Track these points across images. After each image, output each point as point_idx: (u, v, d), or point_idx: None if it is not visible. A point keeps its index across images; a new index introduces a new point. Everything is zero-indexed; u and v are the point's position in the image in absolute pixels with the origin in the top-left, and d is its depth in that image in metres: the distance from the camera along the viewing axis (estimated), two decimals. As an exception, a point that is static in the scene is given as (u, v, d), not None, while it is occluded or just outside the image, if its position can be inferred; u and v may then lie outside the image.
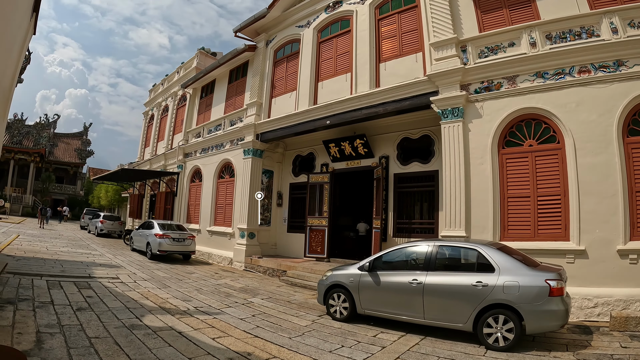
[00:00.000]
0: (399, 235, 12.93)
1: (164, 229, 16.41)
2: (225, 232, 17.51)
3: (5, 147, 47.62)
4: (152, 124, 31.05)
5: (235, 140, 17.90)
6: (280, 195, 17.46)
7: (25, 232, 23.81)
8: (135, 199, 30.80)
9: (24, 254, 13.46)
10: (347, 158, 14.79)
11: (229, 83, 20.47)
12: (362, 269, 7.77)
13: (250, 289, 11.02)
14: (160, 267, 13.99)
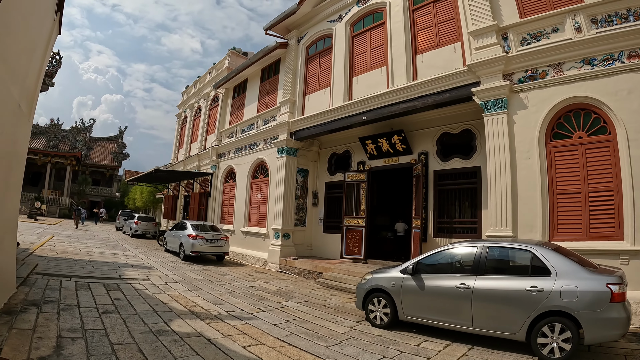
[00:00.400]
0: (439, 236, 12.54)
1: (197, 229, 16.46)
2: (260, 232, 17.47)
3: (42, 151, 49.87)
4: (186, 126, 31.53)
5: (269, 139, 17.84)
6: (315, 194, 17.31)
7: (60, 233, 24.40)
8: (169, 200, 31.22)
9: (56, 255, 13.68)
10: (384, 155, 14.49)
11: (261, 82, 20.46)
12: (405, 272, 7.33)
13: (284, 291, 10.80)
14: (193, 269, 13.98)
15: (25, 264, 10.46)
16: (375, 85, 13.40)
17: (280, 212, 15.88)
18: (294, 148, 16.39)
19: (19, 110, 6.47)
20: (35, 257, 12.50)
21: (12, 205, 7.12)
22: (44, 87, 14.75)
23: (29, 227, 26.20)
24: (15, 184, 7.32)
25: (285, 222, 15.85)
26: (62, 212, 48.35)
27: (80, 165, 56.29)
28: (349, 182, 15.10)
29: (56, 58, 15.59)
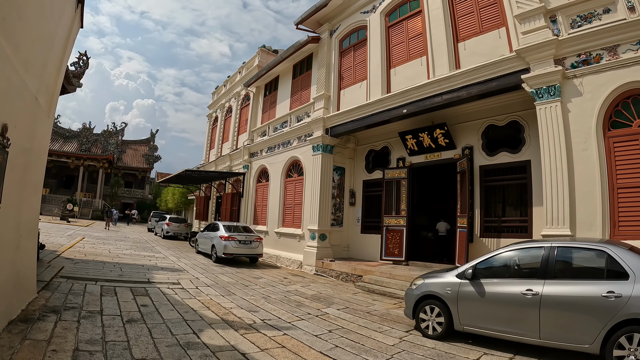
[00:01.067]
0: (487, 236, 12.00)
1: (229, 230, 16.36)
2: (295, 233, 17.26)
3: (74, 154, 52.07)
4: (216, 126, 31.86)
5: (303, 137, 17.62)
6: (352, 193, 16.95)
7: (91, 235, 24.87)
8: (201, 201, 31.43)
9: (84, 257, 13.73)
10: (425, 151, 14.03)
11: (293, 78, 20.30)
12: (462, 277, 6.72)
13: (323, 296, 10.40)
14: (225, 271, 13.80)
15: (50, 267, 10.45)
16: (414, 76, 12.97)
17: (316, 212, 15.60)
18: (329, 145, 16.08)
19: (36, 104, 6.34)
20: (62, 259, 12.56)
21: (30, 206, 7.01)
22: (71, 88, 14.81)
23: (61, 229, 26.94)
24: (34, 184, 7.17)
25: (322, 223, 15.55)
26: (94, 214, 50.04)
27: (113, 167, 57.97)
28: (389, 179, 14.71)
29: (83, 59, 15.55)
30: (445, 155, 13.54)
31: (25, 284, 6.88)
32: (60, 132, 57.47)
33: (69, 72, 14.28)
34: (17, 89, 5.24)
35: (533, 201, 10.77)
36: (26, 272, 6.91)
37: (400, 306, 9.37)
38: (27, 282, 6.98)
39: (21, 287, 6.53)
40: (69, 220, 37.22)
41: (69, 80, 14.38)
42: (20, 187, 6.09)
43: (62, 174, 57.67)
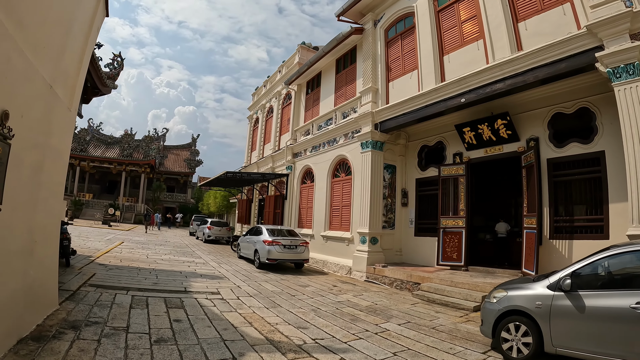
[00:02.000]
0: (557, 237, 10.85)
1: (273, 234, 15.78)
2: (343, 237, 16.51)
3: (116, 160, 53.97)
4: (257, 127, 31.84)
5: (350, 134, 16.90)
6: (405, 193, 16.05)
7: (131, 239, 24.97)
8: (243, 204, 31.30)
9: (119, 263, 13.46)
10: (485, 144, 13.00)
11: (336, 73, 19.65)
12: (555, 288, 5.66)
13: (379, 308, 9.51)
14: (269, 279, 13.19)
15: (79, 275, 10.07)
16: (471, 62, 12.01)
17: (367, 213, 14.80)
18: (379, 141, 15.28)
19: (51, 93, 5.80)
20: (95, 265, 12.27)
21: (47, 209, 6.44)
22: (106, 90, 14.91)
23: (101, 233, 27.35)
24: (53, 185, 6.69)
25: (373, 225, 14.74)
26: (137, 218, 51.29)
27: (155, 172, 59.79)
28: (445, 177, 13.77)
29: (118, 60, 15.64)
30: (507, 149, 12.47)
31: (43, 295, 6.38)
32: (102, 138, 59.69)
33: (102, 73, 14.22)
34: (22, 72, 4.67)
35: (609, 197, 9.68)
36: (44, 282, 6.41)
37: (467, 319, 8.49)
38: (45, 293, 6.49)
39: (37, 299, 6.01)
40: (110, 225, 38.21)
41: (103, 82, 14.32)
42: (32, 188, 5.57)
43: (105, 180, 60.29)
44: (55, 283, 7.06)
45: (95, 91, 14.61)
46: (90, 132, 58.52)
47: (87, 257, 13.68)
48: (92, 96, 14.93)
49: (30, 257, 5.70)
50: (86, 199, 52.36)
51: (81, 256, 13.53)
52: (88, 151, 54.97)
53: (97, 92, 14.75)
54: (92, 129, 59.68)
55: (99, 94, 14.97)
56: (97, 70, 13.53)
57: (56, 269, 7.21)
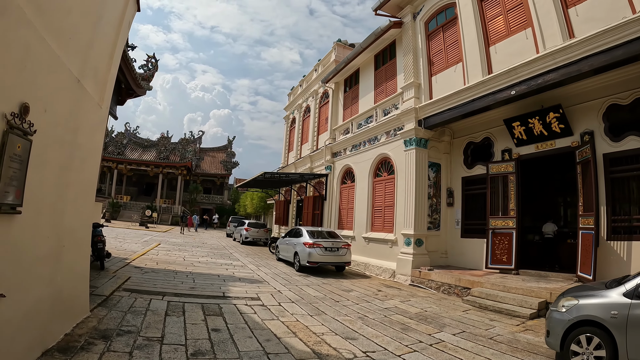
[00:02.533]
0: (615, 238, 10.15)
1: (314, 236, 15.59)
2: (386, 239, 16.15)
3: (153, 162, 55.39)
4: (294, 127, 31.79)
5: (392, 131, 16.55)
6: (450, 192, 15.55)
7: (168, 241, 25.23)
8: (280, 205, 31.26)
9: (155, 266, 13.47)
10: (536, 139, 12.38)
11: (375, 69, 19.35)
12: (633, 296, 5.11)
13: (429, 315, 9.04)
14: (310, 282, 12.95)
15: (114, 278, 10.01)
16: (520, 52, 11.50)
17: (412, 214, 14.42)
18: (423, 138, 14.88)
19: (79, 88, 5.59)
20: (130, 268, 12.28)
21: (77, 211, 6.21)
22: (140, 91, 15.06)
23: (138, 235, 27.77)
24: (83, 185, 6.49)
25: (418, 226, 14.35)
26: (174, 219, 52.43)
27: (191, 174, 60.98)
28: (494, 175, 13.24)
29: (152, 61, 15.77)
30: (560, 144, 11.84)
31: (73, 302, 6.16)
32: (139, 142, 61.34)
33: (137, 75, 14.30)
34: (44, 63, 4.43)
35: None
36: (73, 288, 6.20)
37: (525, 328, 8.03)
38: (75, 301, 6.27)
39: (65, 306, 5.80)
40: (147, 226, 39.06)
41: (138, 83, 14.41)
42: (59, 189, 5.34)
43: (142, 182, 61.93)
44: (86, 289, 6.91)
45: (129, 92, 14.69)
46: (127, 136, 60.31)
47: (122, 259, 13.77)
48: (127, 97, 15.02)
49: (58, 263, 5.49)
50: (124, 201, 54.12)
51: (117, 259, 13.62)
52: (125, 154, 56.52)
53: (132, 94, 14.83)
54: (128, 133, 61.55)
55: (134, 95, 15.05)
56: (131, 71, 13.60)
57: (87, 275, 7.06)
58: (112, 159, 54.25)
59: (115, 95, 14.66)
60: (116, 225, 36.56)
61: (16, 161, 3.90)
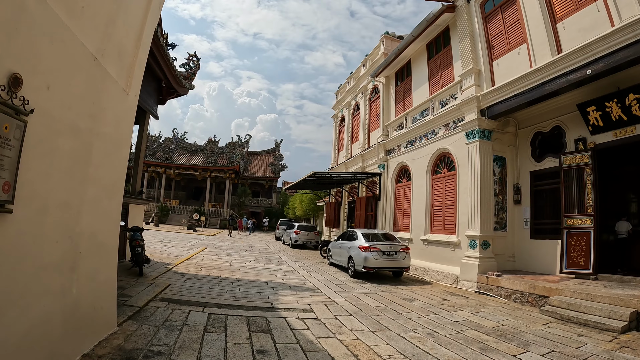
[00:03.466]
0: None
1: (369, 239, 14.82)
2: (447, 241, 15.21)
3: (201, 166, 56.88)
4: (344, 126, 31.42)
5: (451, 124, 15.66)
6: (517, 189, 14.43)
7: (215, 244, 25.18)
8: (331, 207, 30.79)
9: (199, 272, 13.08)
10: (613, 125, 11.14)
11: (428, 59, 18.50)
12: None
13: (508, 330, 7.98)
14: (367, 290, 12.13)
15: (152, 286, 9.53)
16: (592, 26, 10.42)
17: (477, 214, 13.47)
18: (487, 130, 13.91)
19: (97, 67, 5.01)
20: (172, 274, 11.90)
21: (99, 212, 5.58)
22: (182, 90, 15.12)
23: (185, 239, 27.99)
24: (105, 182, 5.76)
25: (484, 227, 13.37)
26: (222, 223, 53.56)
27: (239, 178, 62.14)
28: (567, 167, 12.10)
29: (193, 60, 15.68)
30: (641, 130, 10.69)
31: (94, 317, 5.51)
32: (186, 146, 63.22)
33: (177, 73, 14.11)
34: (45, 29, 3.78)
35: None
36: (95, 301, 5.54)
37: (620, 344, 7.02)
38: (97, 315, 5.63)
39: (84, 322, 5.16)
40: (195, 230, 39.63)
41: (179, 81, 14.27)
42: (72, 185, 4.69)
43: (191, 186, 64.15)
44: (112, 301, 6.22)
45: (170, 91, 14.62)
46: (174, 141, 62.36)
47: (164, 264, 13.53)
48: (168, 97, 14.96)
49: (73, 272, 4.84)
50: (172, 205, 56.01)
51: (158, 264, 13.41)
52: (173, 159, 58.19)
53: (173, 93, 14.77)
54: (176, 138, 63.72)
55: (175, 94, 15.02)
56: (171, 69, 13.52)
57: (113, 284, 6.35)
58: (161, 164, 56.18)
59: (155, 94, 14.58)
60: (164, 229, 37.27)
61: (4, 146, 3.25)
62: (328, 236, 30.95)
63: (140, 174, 14.47)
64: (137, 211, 13.94)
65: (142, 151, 14.49)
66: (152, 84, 14.16)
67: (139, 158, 14.31)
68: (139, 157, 14.32)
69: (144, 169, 55.87)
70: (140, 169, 14.36)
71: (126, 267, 11.71)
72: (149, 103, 13.89)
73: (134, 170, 14.25)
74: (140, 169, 14.36)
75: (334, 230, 30.13)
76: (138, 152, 14.40)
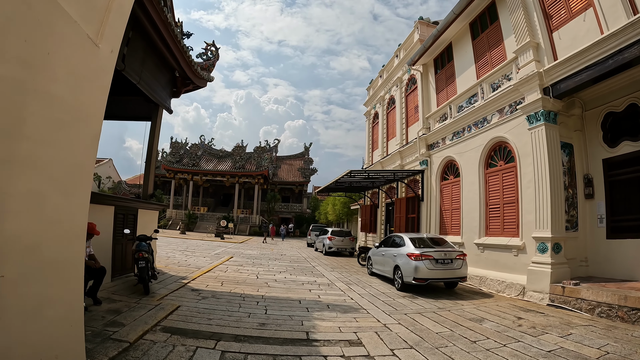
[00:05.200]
0: None
1: (418, 245, 12.98)
2: (508, 245, 13.19)
3: (229, 172, 56.95)
4: (377, 123, 29.98)
5: (507, 108, 13.79)
6: (588, 180, 12.44)
7: (242, 253, 24.02)
8: (366, 210, 29.23)
9: (220, 287, 11.59)
10: None
11: (473, 39, 16.70)
12: None
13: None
14: (422, 308, 10.19)
15: (156, 309, 7.97)
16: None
17: (547, 211, 11.52)
18: (552, 111, 12.01)
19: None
20: (186, 291, 10.49)
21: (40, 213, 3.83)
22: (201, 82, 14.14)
23: (211, 247, 27.18)
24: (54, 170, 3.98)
25: (556, 227, 11.41)
26: (252, 229, 53.79)
27: (268, 183, 61.83)
28: (656, 151, 10.19)
29: (212, 50, 14.67)
30: None
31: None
32: (214, 152, 64.20)
33: (194, 63, 12.96)
34: None
35: None
36: (42, 351, 3.81)
37: None
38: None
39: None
40: (223, 237, 39.20)
41: (195, 71, 13.19)
42: None
43: (219, 193, 64.81)
44: (75, 345, 4.40)
45: (186, 82, 13.41)
46: (201, 147, 62.96)
47: (179, 279, 12.11)
48: (183, 88, 13.80)
49: (22, 304, 3.47)
50: (201, 212, 56.25)
51: (173, 278, 12.01)
52: (200, 165, 58.59)
53: (189, 84, 13.53)
54: (203, 144, 64.44)
55: (192, 86, 13.97)
56: (185, 56, 12.34)
57: (76, 320, 4.43)
58: (187, 171, 56.55)
59: (169, 87, 13.40)
60: (190, 237, 36.76)
61: None
62: (364, 242, 29.51)
63: (152, 175, 13.16)
64: (149, 218, 12.65)
65: (154, 150, 13.13)
66: (165, 75, 12.95)
67: (150, 157, 12.97)
68: (151, 157, 12.99)
69: (170, 176, 56.27)
70: (152, 170, 13.06)
71: (131, 283, 10.34)
72: (161, 96, 12.64)
73: (145, 172, 12.96)
74: (152, 170, 13.06)
75: (370, 235, 28.64)
76: (150, 151, 12.99)
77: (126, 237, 10.78)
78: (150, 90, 11.45)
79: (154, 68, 11.67)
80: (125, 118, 14.52)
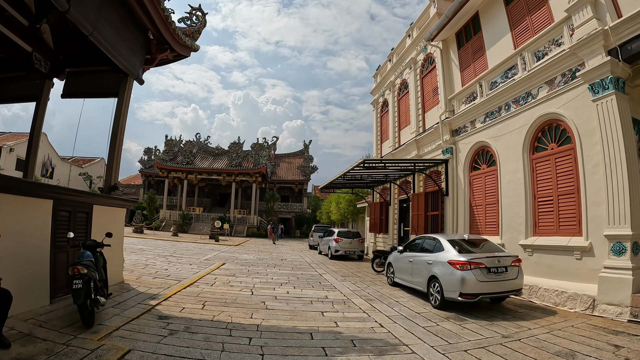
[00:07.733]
0: None
1: (462, 250, 10.56)
2: (568, 245, 10.96)
3: (225, 170, 55.85)
4: (387, 111, 28.07)
5: (560, 78, 11.65)
6: (668, 163, 10.25)
7: (236, 258, 22.18)
8: (376, 208, 27.50)
9: (200, 310, 9.02)
10: None
11: (506, 4, 14.61)
12: None
13: None
14: (482, 338, 7.53)
15: (90, 356, 5.29)
16: None
17: (624, 201, 9.36)
18: (621, 78, 9.93)
19: None
20: (150, 319, 7.81)
21: None
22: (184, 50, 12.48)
23: (202, 251, 25.34)
24: None
25: (636, 222, 9.27)
26: (250, 230, 52.95)
27: (267, 182, 61.36)
28: None
29: (197, 15, 12.81)
30: None
31: None
32: (209, 150, 63.55)
33: (173, 24, 10.88)
34: None
35: None
36: None
37: None
38: None
39: None
40: (217, 239, 37.87)
41: (176, 36, 11.13)
42: None
43: (215, 192, 64.16)
44: None
45: (163, 48, 11.22)
46: (196, 145, 62.50)
47: (148, 297, 9.59)
48: (160, 54, 11.62)
49: None
50: (196, 213, 55.24)
51: (140, 296, 9.60)
52: (195, 164, 57.53)
53: (167, 50, 11.37)
54: (198, 142, 63.84)
55: (170, 52, 11.82)
56: (161, 15, 10.21)
57: None
58: (182, 169, 55.44)
59: (141, 51, 11.31)
60: (182, 240, 35.14)
61: None
62: (372, 244, 27.61)
63: (117, 161, 10.90)
64: (110, 217, 10.48)
65: (120, 129, 10.89)
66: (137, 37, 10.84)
67: (116, 138, 10.75)
68: (117, 137, 10.76)
69: (163, 175, 54.82)
70: (117, 156, 10.85)
71: (72, 310, 7.38)
72: (129, 61, 10.46)
73: (109, 156, 10.77)
74: (117, 156, 10.85)
75: (380, 236, 26.75)
76: (116, 131, 10.74)
77: (70, 242, 8.35)
78: (113, 50, 9.08)
79: (118, 23, 9.35)
80: (90, 95, 11.94)
